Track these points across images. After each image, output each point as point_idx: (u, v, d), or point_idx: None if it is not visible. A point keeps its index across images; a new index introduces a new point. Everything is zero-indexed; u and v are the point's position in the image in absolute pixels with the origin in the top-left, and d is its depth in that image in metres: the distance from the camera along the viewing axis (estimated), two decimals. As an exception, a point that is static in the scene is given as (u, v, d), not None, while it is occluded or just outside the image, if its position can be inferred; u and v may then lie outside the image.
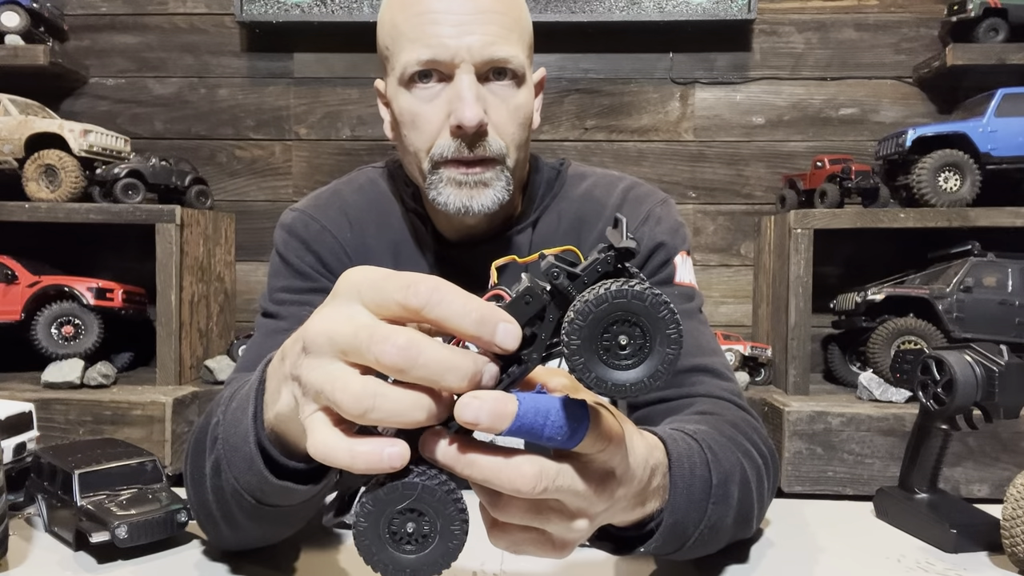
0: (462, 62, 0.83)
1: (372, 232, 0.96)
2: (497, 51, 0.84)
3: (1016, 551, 0.74)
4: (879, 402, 1.69)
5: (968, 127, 1.75)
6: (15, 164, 1.82)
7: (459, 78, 0.84)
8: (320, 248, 0.95)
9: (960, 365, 0.81)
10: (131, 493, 0.79)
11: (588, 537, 0.52)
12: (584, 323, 0.41)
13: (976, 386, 0.80)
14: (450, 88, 0.85)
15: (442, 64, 0.84)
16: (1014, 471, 0.86)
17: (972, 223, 1.72)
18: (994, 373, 0.79)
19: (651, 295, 0.41)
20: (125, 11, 2.18)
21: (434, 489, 0.43)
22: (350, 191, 1.01)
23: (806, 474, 1.64)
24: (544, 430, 0.43)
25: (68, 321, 1.77)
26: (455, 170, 0.86)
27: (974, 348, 0.82)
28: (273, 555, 0.79)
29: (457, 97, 0.83)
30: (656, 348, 0.42)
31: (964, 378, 0.80)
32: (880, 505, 0.92)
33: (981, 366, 0.80)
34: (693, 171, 2.15)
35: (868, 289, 1.77)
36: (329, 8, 2.05)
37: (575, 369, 0.42)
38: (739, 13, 2.02)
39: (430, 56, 0.83)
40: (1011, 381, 0.78)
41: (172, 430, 1.66)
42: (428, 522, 0.43)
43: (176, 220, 1.77)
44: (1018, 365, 0.78)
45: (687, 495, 0.62)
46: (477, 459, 0.43)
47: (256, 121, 2.18)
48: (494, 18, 0.85)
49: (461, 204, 0.86)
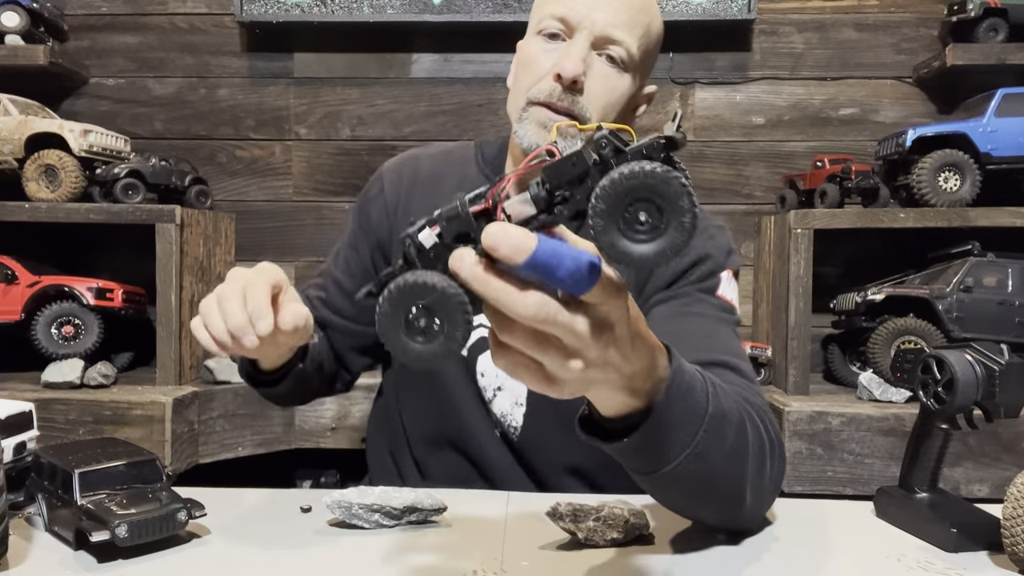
0: (584, 29, 0.98)
1: (420, 193, 1.13)
2: (614, 32, 0.98)
3: (1016, 551, 0.74)
4: (879, 402, 1.69)
5: (968, 127, 1.75)
6: (15, 164, 1.82)
7: (577, 39, 0.98)
8: (372, 207, 1.16)
9: (961, 364, 0.81)
10: (131, 492, 0.79)
11: (578, 392, 0.56)
12: (612, 192, 0.46)
13: (977, 385, 0.80)
14: (566, 45, 0.99)
15: (568, 23, 0.99)
16: (1014, 471, 0.86)
17: (972, 223, 1.72)
18: (995, 372, 0.79)
19: (678, 183, 0.45)
20: (125, 11, 2.18)
21: (450, 296, 0.49)
22: (427, 155, 1.20)
23: (806, 474, 1.64)
24: (556, 271, 0.48)
25: (68, 321, 1.77)
26: (543, 111, 0.99)
27: (974, 347, 0.82)
28: (274, 555, 0.80)
29: (566, 52, 0.97)
30: (669, 231, 0.46)
31: (965, 377, 0.80)
32: (880, 504, 0.92)
33: (982, 365, 0.80)
34: (693, 171, 2.14)
35: (868, 289, 1.77)
36: (329, 8, 2.05)
37: (594, 230, 0.47)
38: (739, 13, 2.02)
39: (563, 14, 0.98)
40: (1012, 380, 0.78)
41: (172, 430, 1.66)
42: (438, 321, 0.49)
43: (176, 220, 1.77)
44: (1019, 364, 0.78)
45: (680, 407, 0.64)
46: (491, 280, 0.49)
47: (256, 121, 2.18)
48: (625, 8, 0.99)
49: (536, 141, 0.99)
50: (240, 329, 0.80)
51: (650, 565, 0.78)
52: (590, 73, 0.99)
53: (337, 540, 0.82)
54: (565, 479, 1.14)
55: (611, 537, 0.82)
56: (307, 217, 2.19)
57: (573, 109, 0.98)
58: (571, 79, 0.96)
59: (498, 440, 1.13)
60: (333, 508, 0.86)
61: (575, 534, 0.82)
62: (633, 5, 1.01)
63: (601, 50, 1.00)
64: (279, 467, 1.97)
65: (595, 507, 0.83)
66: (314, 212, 2.18)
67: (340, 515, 0.86)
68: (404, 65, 2.17)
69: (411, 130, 2.16)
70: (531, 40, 1.04)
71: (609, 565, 0.78)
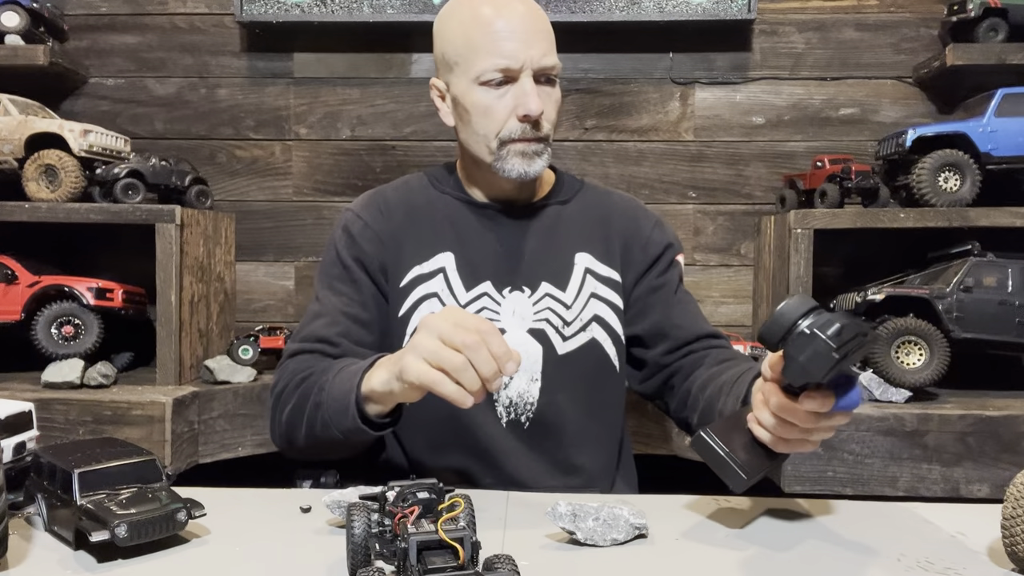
0: (526, 68, 1.13)
1: (399, 219, 1.24)
2: (548, 61, 1.15)
3: (1016, 551, 0.74)
4: (879, 402, 1.69)
5: (968, 127, 1.75)
6: (15, 164, 1.82)
7: (523, 80, 1.13)
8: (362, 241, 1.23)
9: (790, 308, 0.77)
10: (131, 492, 0.79)
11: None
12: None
13: (784, 329, 0.76)
14: (516, 87, 1.13)
15: (512, 71, 1.13)
16: (1014, 471, 0.86)
17: (972, 223, 1.72)
18: (798, 330, 0.75)
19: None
20: (125, 11, 2.18)
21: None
22: (388, 189, 1.30)
23: (806, 474, 1.64)
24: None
25: (68, 321, 1.77)
26: (522, 145, 1.15)
27: (833, 310, 0.78)
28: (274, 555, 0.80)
29: (524, 94, 1.12)
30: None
31: (778, 317, 0.76)
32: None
33: (802, 316, 0.76)
34: (693, 171, 2.15)
35: (868, 289, 1.76)
36: (329, 8, 2.05)
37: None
38: (739, 13, 2.01)
39: (504, 65, 1.12)
40: (801, 347, 0.74)
41: (172, 430, 1.66)
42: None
43: (176, 220, 1.77)
44: (811, 339, 0.74)
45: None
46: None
47: (256, 121, 2.18)
48: (543, 35, 1.15)
49: (522, 170, 1.16)
50: (493, 375, 0.85)
51: (650, 565, 0.78)
52: (542, 100, 1.14)
53: (337, 540, 0.82)
54: (578, 454, 1.20)
55: (611, 537, 0.82)
56: (307, 217, 2.19)
57: (540, 134, 1.15)
58: (538, 116, 1.13)
59: (505, 431, 1.18)
60: (333, 508, 0.86)
61: (575, 534, 0.82)
62: (546, 26, 1.16)
63: (541, 78, 1.15)
64: (279, 467, 1.96)
65: (595, 507, 0.83)
66: (314, 212, 2.18)
67: (340, 515, 0.86)
68: (404, 65, 2.17)
69: (411, 130, 2.16)
70: (474, 90, 1.15)
71: (609, 565, 0.78)
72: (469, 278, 1.20)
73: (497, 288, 1.20)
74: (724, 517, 0.93)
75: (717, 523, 0.91)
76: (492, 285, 1.20)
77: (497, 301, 1.19)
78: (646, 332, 1.25)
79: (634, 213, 1.30)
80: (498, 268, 1.20)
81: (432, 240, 1.22)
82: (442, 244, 1.21)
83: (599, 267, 1.23)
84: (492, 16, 1.13)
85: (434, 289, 1.19)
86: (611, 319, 1.22)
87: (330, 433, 1.02)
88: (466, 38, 1.15)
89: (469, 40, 1.14)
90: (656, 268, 1.27)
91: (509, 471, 1.16)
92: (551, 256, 1.22)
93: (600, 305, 1.22)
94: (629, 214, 1.29)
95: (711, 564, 0.79)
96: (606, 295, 1.23)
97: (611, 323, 1.22)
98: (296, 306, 2.19)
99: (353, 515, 0.70)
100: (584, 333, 1.20)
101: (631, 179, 2.14)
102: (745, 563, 0.79)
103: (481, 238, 1.22)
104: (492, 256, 1.21)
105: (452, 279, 1.20)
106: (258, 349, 1.90)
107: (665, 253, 1.27)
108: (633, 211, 1.30)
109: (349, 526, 0.70)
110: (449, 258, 1.20)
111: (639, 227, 1.28)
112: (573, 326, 1.20)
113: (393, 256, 1.22)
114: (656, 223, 1.30)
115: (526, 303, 1.20)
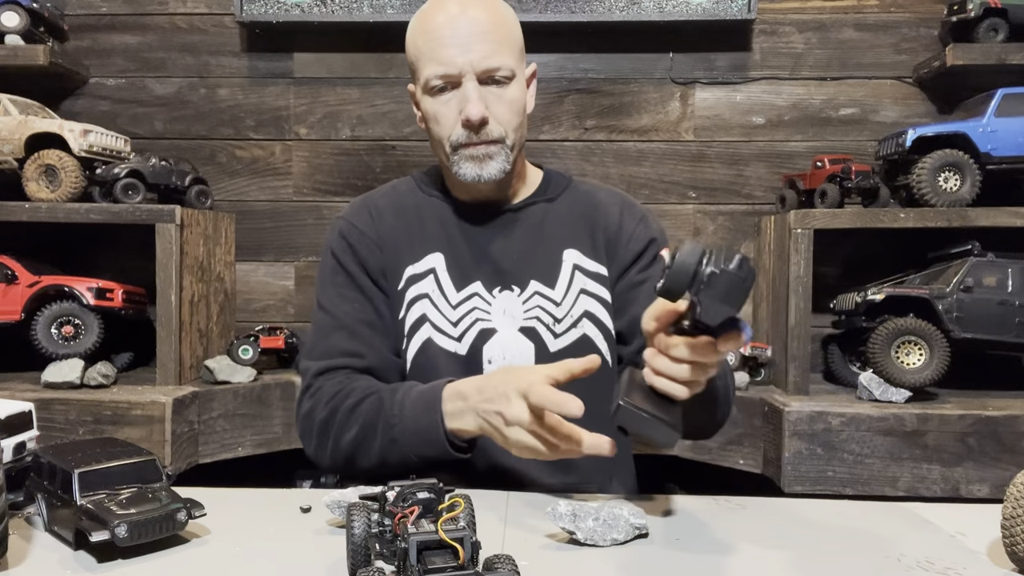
0: (467, 74, 1.13)
1: (391, 222, 1.25)
2: (492, 62, 1.13)
3: (1016, 551, 0.74)
4: (879, 402, 1.69)
5: (968, 127, 1.75)
6: (15, 164, 1.82)
7: (465, 85, 1.13)
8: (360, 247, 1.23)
9: (687, 253, 0.76)
10: (131, 492, 0.79)
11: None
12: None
13: (690, 276, 0.76)
14: (459, 92, 1.14)
15: (452, 77, 1.13)
16: (1014, 471, 0.86)
17: (972, 223, 1.72)
18: (711, 273, 0.75)
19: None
20: (125, 11, 2.18)
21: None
22: (377, 195, 1.31)
23: (806, 474, 1.64)
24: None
25: (68, 321, 1.77)
26: (471, 150, 1.16)
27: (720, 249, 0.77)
28: (274, 555, 0.80)
29: (464, 99, 1.13)
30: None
31: (681, 262, 0.76)
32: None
33: (707, 262, 0.76)
34: (693, 171, 2.15)
35: (868, 289, 1.77)
36: (329, 8, 2.05)
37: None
38: (739, 13, 2.01)
39: (443, 72, 1.13)
40: (718, 288, 0.75)
41: (172, 430, 1.66)
42: None
43: (176, 220, 1.77)
44: (730, 277, 0.75)
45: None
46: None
47: (256, 121, 2.18)
48: (488, 36, 1.13)
49: (475, 173, 1.16)
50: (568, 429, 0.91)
51: (650, 565, 0.78)
52: (490, 103, 1.14)
53: (337, 540, 0.82)
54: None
55: (611, 537, 0.82)
56: (307, 217, 2.19)
57: (489, 138, 1.15)
58: (478, 121, 1.13)
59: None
60: (333, 508, 0.86)
61: (575, 534, 0.82)
62: (492, 27, 1.14)
63: (488, 80, 1.14)
64: (279, 467, 1.97)
65: (595, 507, 0.83)
66: (314, 212, 2.18)
67: (340, 515, 0.86)
68: (404, 65, 2.16)
69: (411, 130, 2.16)
70: (424, 99, 1.18)
71: (609, 565, 0.78)
72: (459, 279, 1.20)
73: (487, 288, 1.20)
74: (724, 517, 0.93)
75: (717, 523, 0.91)
76: (482, 285, 1.20)
77: (487, 301, 1.20)
78: (625, 328, 1.23)
79: (619, 208, 1.29)
80: (487, 268, 1.21)
81: (422, 241, 1.23)
82: (432, 245, 1.22)
83: (587, 263, 1.23)
84: (433, 23, 1.15)
85: (425, 290, 1.20)
86: (601, 314, 1.22)
87: (409, 461, 1.05)
88: (415, 47, 1.18)
89: (417, 48, 1.17)
90: (639, 263, 1.25)
91: (505, 468, 1.15)
92: (539, 254, 1.23)
93: (590, 301, 1.22)
94: (614, 209, 1.28)
95: (711, 564, 0.79)
96: (595, 291, 1.23)
97: (601, 318, 1.22)
98: (296, 306, 2.19)
99: (353, 515, 0.70)
100: (575, 330, 1.20)
101: (631, 179, 2.14)
102: (745, 563, 0.79)
103: (470, 239, 1.23)
104: (481, 256, 1.22)
105: (443, 280, 1.20)
106: (258, 349, 1.90)
107: (648, 248, 1.26)
108: (619, 206, 1.29)
109: (349, 526, 0.70)
110: (439, 259, 1.21)
111: (623, 222, 1.27)
112: (564, 323, 1.20)
113: (390, 259, 1.23)
114: (641, 218, 1.28)
115: (516, 302, 1.20)
